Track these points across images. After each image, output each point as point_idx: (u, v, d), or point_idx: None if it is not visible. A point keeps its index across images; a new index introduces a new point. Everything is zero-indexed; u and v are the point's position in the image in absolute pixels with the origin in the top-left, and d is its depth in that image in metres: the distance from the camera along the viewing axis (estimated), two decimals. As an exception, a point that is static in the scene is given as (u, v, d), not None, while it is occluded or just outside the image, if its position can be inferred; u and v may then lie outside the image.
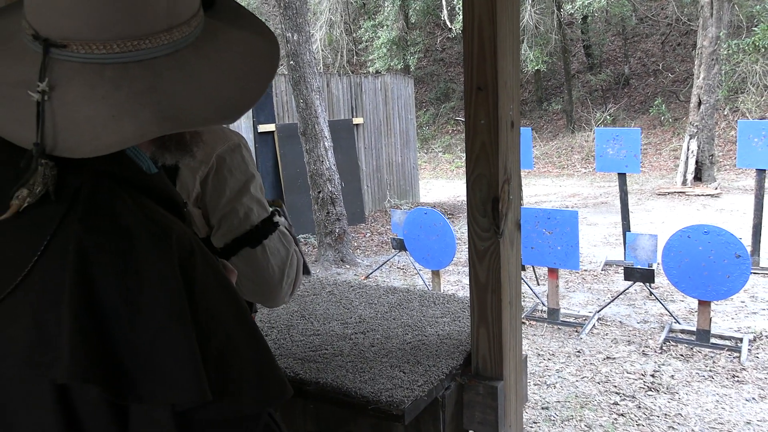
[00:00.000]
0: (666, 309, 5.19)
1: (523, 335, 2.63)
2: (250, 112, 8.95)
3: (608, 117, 17.46)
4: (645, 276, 4.94)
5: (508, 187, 1.52)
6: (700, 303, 4.57)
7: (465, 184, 1.51)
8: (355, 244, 8.93)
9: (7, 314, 0.75)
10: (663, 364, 4.37)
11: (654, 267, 5.75)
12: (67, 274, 0.72)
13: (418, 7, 20.19)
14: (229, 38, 0.86)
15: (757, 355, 4.43)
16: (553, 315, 5.26)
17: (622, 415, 3.71)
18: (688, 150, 11.88)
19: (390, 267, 7.55)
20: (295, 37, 7.41)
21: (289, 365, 1.60)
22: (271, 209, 1.41)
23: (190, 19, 0.82)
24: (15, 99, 0.76)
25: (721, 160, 13.36)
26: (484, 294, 1.54)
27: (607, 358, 4.53)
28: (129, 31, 0.76)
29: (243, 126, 8.76)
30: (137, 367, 0.73)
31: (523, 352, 1.71)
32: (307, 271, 2.00)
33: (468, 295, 1.64)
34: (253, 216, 1.34)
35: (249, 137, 8.89)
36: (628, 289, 5.57)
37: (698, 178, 11.82)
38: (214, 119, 0.80)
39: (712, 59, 11.56)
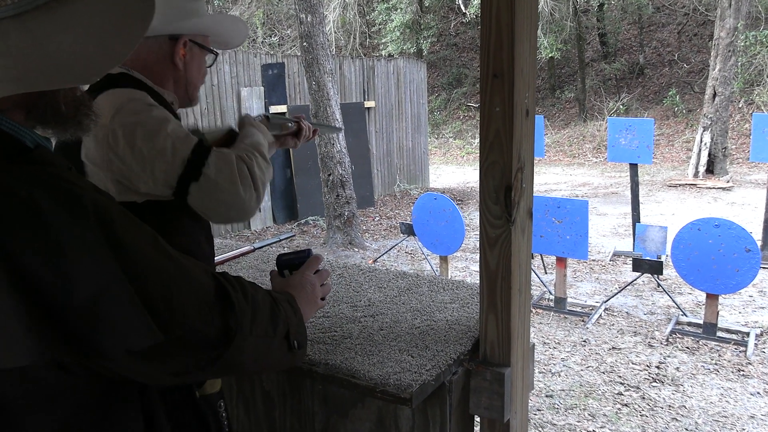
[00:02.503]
0: (673, 301, 5.18)
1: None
2: (261, 93, 8.94)
3: (621, 106, 17.33)
4: (653, 267, 4.93)
5: (522, 175, 1.52)
6: (708, 296, 4.57)
7: (475, 171, 1.52)
8: (364, 227, 8.95)
9: None
10: (668, 356, 4.38)
11: (663, 259, 5.74)
12: None
13: (432, -9, 20.06)
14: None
15: (763, 350, 4.42)
16: (560, 304, 5.27)
17: (626, 405, 3.73)
18: (701, 142, 11.79)
19: (398, 251, 7.57)
20: (308, 19, 7.38)
21: (298, 346, 1.61)
22: (197, 137, 1.40)
23: None
24: None
25: (734, 153, 13.26)
26: (493, 281, 1.54)
27: (613, 348, 4.54)
28: None
29: (254, 107, 8.76)
30: (90, 330, 0.76)
31: (531, 340, 1.72)
32: (335, 129, 2.00)
33: (477, 281, 1.64)
34: (181, 151, 1.33)
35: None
36: (635, 280, 5.57)
37: (710, 170, 11.74)
38: (72, 79, 0.77)
39: (729, 50, 11.43)
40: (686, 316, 5.00)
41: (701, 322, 4.73)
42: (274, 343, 1.04)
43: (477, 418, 1.68)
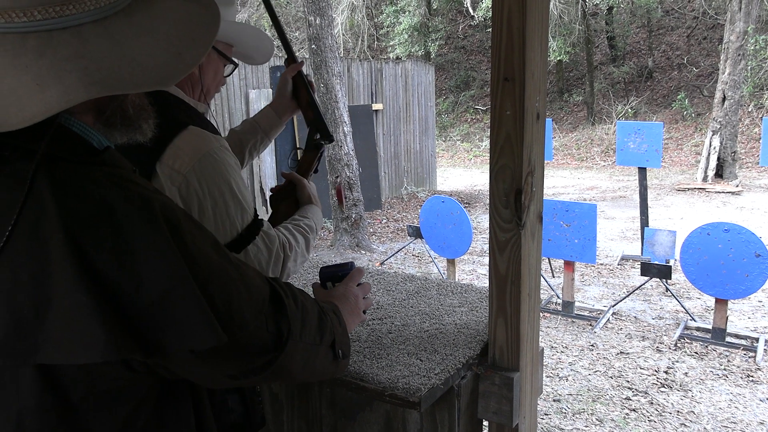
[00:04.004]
0: (682, 306, 5.15)
1: (538, 327, 2.63)
2: (269, 95, 8.95)
3: (629, 110, 17.27)
4: (662, 272, 4.90)
5: (532, 179, 1.51)
6: (717, 301, 4.54)
7: (482, 174, 1.51)
8: (371, 230, 8.95)
9: None
10: (677, 361, 4.35)
11: (671, 263, 5.72)
12: (54, 259, 0.72)
13: (441, -6, 20.06)
14: (163, 6, 0.84)
15: (773, 356, 4.40)
16: (567, 308, 5.25)
17: (634, 410, 3.71)
18: (710, 146, 11.73)
19: (405, 254, 7.56)
20: (317, 21, 7.40)
21: (306, 349, 1.61)
22: (254, 214, 1.41)
23: None
24: None
25: (743, 157, 13.19)
26: (503, 285, 1.54)
27: (621, 352, 4.52)
28: None
29: (263, 109, 8.77)
30: (154, 326, 0.76)
31: (540, 345, 1.71)
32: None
33: (485, 285, 1.64)
34: (237, 224, 1.35)
35: (268, 120, 8.89)
36: (644, 284, 5.54)
37: (719, 174, 11.68)
38: (145, 84, 0.78)
39: (739, 54, 11.38)
40: (695, 321, 4.97)
41: (710, 327, 4.70)
42: (320, 351, 1.06)
43: (485, 423, 1.68)
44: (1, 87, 0.72)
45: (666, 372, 4.19)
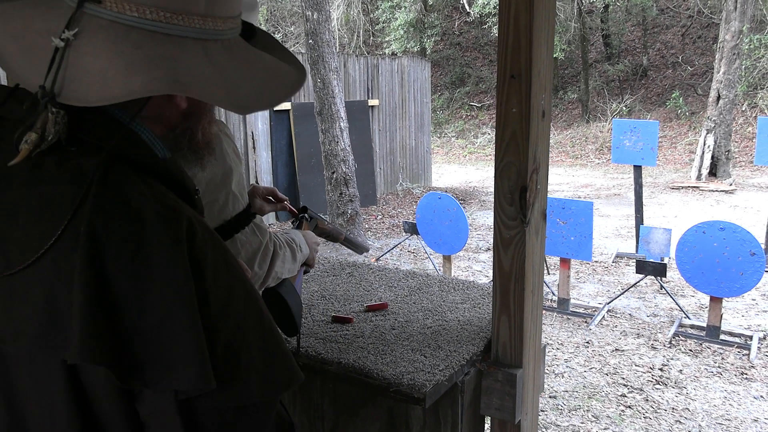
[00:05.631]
0: (676, 303, 5.18)
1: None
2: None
3: (624, 108, 17.31)
4: (657, 270, 4.92)
5: (537, 176, 1.52)
6: (712, 299, 4.57)
7: (477, 171, 1.51)
8: (366, 226, 8.95)
9: (20, 293, 0.76)
10: (672, 359, 4.38)
11: (666, 261, 5.75)
12: (78, 257, 0.73)
13: (437, -10, 20.04)
14: (259, 55, 0.89)
15: (766, 354, 4.42)
16: (563, 305, 5.27)
17: (629, 407, 3.73)
18: (704, 145, 11.78)
19: (401, 250, 7.57)
20: (315, 16, 7.38)
21: (310, 344, 1.62)
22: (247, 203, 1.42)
23: (226, 19, 0.84)
24: (37, 47, 0.76)
25: (737, 156, 13.25)
26: (507, 282, 1.54)
27: (616, 350, 4.54)
28: (164, 2, 0.77)
29: (259, 103, 8.75)
30: (144, 352, 0.74)
31: (542, 342, 1.72)
32: (361, 249, 2.03)
33: (486, 281, 1.64)
34: (228, 210, 1.35)
35: (264, 115, 8.88)
36: (639, 282, 5.57)
37: (713, 173, 11.73)
38: (224, 102, 0.81)
39: (734, 53, 11.42)
40: (689, 318, 5.00)
41: (704, 324, 4.73)
42: None
43: (488, 419, 1.68)
44: (92, 66, 0.75)
45: (661, 369, 4.21)
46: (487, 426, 1.71)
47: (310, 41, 7.49)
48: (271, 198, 1.75)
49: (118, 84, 0.74)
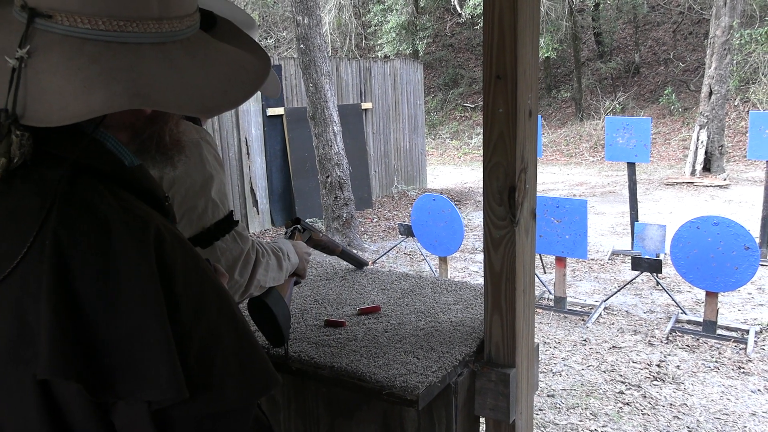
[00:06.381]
0: (673, 299, 5.19)
1: (532, 323, 2.64)
2: (258, 95, 8.92)
3: (617, 105, 17.35)
4: (652, 266, 4.93)
5: (525, 176, 1.52)
6: (708, 294, 4.57)
7: (472, 172, 1.52)
8: (362, 229, 8.95)
9: None
10: (669, 355, 4.38)
11: (661, 257, 5.75)
12: (44, 270, 0.72)
13: (427, -8, 20.06)
14: (220, 48, 0.87)
15: (763, 347, 4.43)
16: (559, 303, 5.28)
17: (627, 404, 3.73)
18: (697, 140, 11.81)
19: (397, 252, 7.57)
20: (305, 21, 7.38)
21: (303, 349, 1.61)
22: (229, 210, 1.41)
23: (182, 18, 0.83)
24: None
25: (730, 150, 13.28)
26: (498, 282, 1.55)
27: (613, 347, 4.55)
28: (116, 11, 0.75)
29: (252, 109, 8.75)
30: (114, 364, 0.73)
31: (535, 341, 1.72)
32: (360, 264, 2.05)
33: (479, 282, 1.65)
34: (207, 218, 1.34)
35: (258, 121, 8.88)
36: (635, 278, 5.58)
37: (707, 168, 11.76)
38: (188, 108, 0.80)
39: (725, 49, 11.46)
40: (686, 314, 5.01)
41: (701, 320, 4.74)
42: None
43: (482, 419, 1.68)
44: (49, 85, 0.73)
45: (658, 365, 4.22)
46: (482, 427, 1.71)
47: (302, 46, 7.50)
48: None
49: (78, 102, 0.73)
